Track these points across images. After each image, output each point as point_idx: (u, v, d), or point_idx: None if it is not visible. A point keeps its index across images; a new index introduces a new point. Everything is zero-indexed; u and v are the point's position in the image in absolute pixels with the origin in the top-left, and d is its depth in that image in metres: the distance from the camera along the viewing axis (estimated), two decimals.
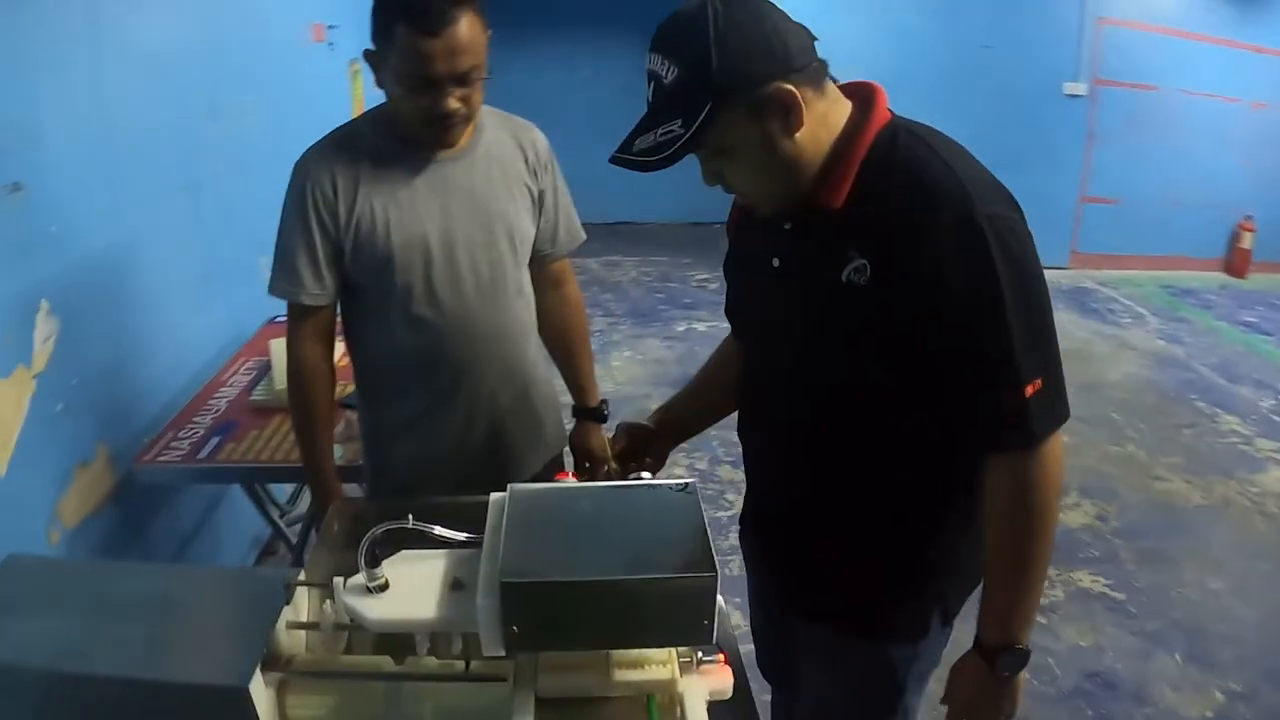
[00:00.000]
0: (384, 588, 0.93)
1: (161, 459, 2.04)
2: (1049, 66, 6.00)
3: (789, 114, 1.05)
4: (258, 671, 0.90)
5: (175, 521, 2.35)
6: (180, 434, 2.14)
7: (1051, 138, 6.09)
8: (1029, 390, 1.04)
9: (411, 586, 0.93)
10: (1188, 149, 6.10)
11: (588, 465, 1.90)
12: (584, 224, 1.86)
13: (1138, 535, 3.24)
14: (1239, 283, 6.27)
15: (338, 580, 0.96)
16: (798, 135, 1.07)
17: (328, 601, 1.00)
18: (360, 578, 0.93)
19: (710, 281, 6.02)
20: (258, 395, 2.29)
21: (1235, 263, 6.35)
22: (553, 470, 1.91)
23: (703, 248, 6.47)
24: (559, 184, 1.79)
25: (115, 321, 2.13)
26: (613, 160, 1.10)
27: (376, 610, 0.91)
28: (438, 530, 0.91)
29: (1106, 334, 5.25)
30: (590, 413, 1.91)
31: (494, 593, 0.84)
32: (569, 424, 1.93)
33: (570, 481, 1.07)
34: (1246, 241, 6.26)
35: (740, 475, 1.50)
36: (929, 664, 1.33)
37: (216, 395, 2.34)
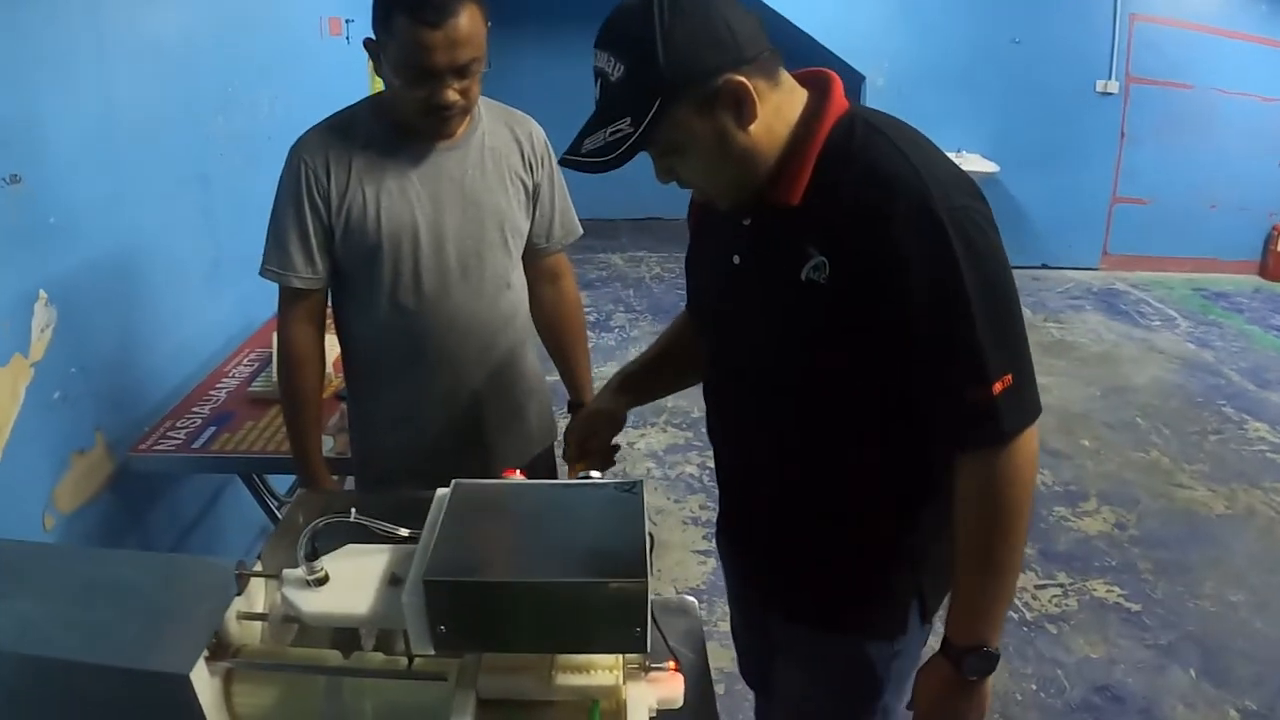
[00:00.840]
0: (323, 581, 0.91)
1: (157, 448, 2.06)
2: (1081, 63, 5.87)
3: (741, 106, 1.02)
4: (201, 660, 0.89)
5: (176, 510, 2.37)
6: (178, 423, 2.16)
7: (1083, 136, 5.96)
8: (997, 387, 1.00)
9: (351, 581, 0.91)
10: (1223, 149, 5.95)
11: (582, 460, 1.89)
12: (610, 220, 1.85)
13: (1157, 544, 3.15)
14: (1274, 286, 6.10)
15: (286, 572, 0.95)
16: (751, 128, 1.04)
17: (278, 593, 1.00)
18: (300, 570, 0.92)
19: None
20: (256, 386, 2.30)
21: (1270, 266, 6.18)
22: (541, 464, 1.90)
23: None
24: (556, 178, 1.78)
25: (117, 312, 2.14)
26: (561, 161, 1.08)
27: (313, 603, 0.90)
28: (376, 524, 0.89)
29: (1135, 337, 5.14)
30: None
31: (419, 590, 0.82)
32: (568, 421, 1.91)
33: (517, 478, 1.04)
34: None
35: None
36: (909, 662, 1.29)
37: (218, 386, 2.36)
